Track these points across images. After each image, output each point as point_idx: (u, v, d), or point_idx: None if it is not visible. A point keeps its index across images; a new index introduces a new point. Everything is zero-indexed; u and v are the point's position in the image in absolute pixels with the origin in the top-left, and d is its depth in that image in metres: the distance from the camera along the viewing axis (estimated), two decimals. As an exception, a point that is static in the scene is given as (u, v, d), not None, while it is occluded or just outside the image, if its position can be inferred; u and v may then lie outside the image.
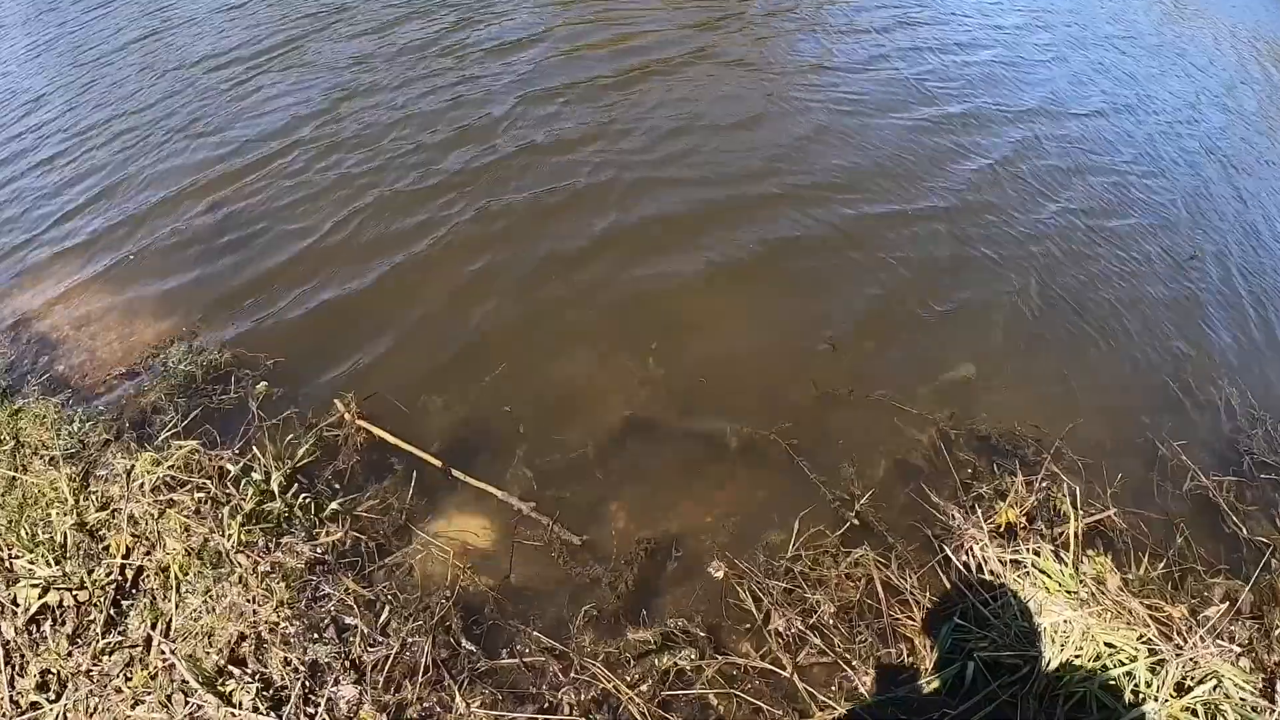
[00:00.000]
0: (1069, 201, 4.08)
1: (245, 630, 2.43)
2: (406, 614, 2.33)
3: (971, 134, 4.51)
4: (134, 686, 2.40)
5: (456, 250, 3.48)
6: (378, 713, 2.26)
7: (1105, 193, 4.24)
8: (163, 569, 2.57)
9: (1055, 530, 2.52)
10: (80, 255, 3.68)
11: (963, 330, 3.24)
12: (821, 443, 2.69)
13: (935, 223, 3.76)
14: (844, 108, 4.63)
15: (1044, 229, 3.85)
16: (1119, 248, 3.84)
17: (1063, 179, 4.27)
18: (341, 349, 3.01)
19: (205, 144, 4.39)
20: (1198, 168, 4.68)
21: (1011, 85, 5.19)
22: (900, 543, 2.43)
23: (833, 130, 4.38)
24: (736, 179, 3.93)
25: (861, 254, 3.52)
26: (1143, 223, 4.08)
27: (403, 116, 4.48)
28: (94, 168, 4.32)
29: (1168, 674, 2.10)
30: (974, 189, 4.05)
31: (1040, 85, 5.24)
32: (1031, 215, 3.93)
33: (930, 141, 4.37)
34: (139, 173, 4.16)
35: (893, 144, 4.30)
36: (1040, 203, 4.03)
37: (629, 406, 2.78)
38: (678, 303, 3.22)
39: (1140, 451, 2.88)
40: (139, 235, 3.75)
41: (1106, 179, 4.35)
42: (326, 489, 2.57)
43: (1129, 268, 3.72)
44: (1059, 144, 4.56)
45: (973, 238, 3.70)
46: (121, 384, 2.99)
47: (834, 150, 4.21)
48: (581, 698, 2.20)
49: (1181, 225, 4.13)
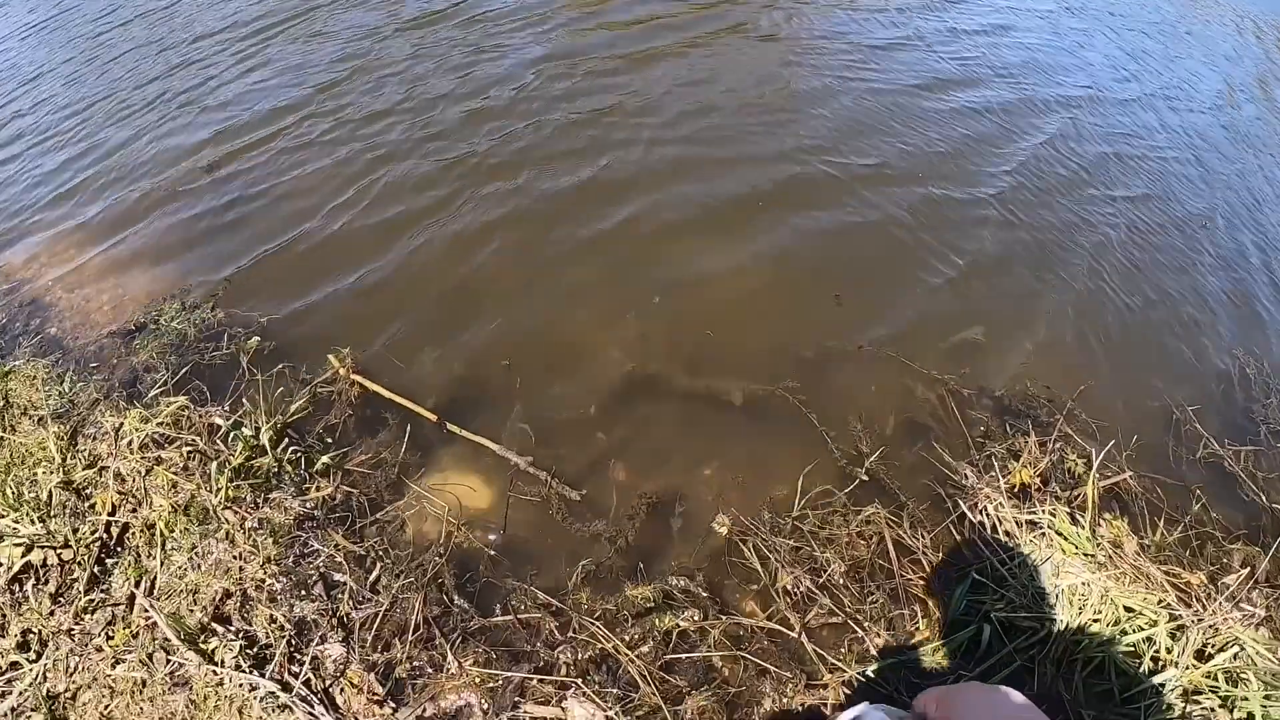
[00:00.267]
0: (1104, 185, 3.98)
1: (230, 587, 2.34)
2: (397, 570, 2.24)
3: (1009, 118, 4.39)
4: (115, 645, 2.32)
5: (461, 215, 3.39)
6: (365, 672, 2.16)
7: (1135, 175, 4.14)
8: (148, 526, 2.49)
9: (1070, 492, 2.42)
10: (75, 221, 3.63)
11: (973, 293, 3.15)
12: (829, 400, 2.59)
13: (948, 193, 3.67)
14: (877, 85, 4.52)
15: (1068, 204, 3.75)
16: (1142, 221, 3.75)
17: (1098, 162, 4.17)
18: (337, 306, 2.94)
19: (209, 116, 4.34)
20: (1232, 157, 4.58)
21: (1046, 70, 5.09)
22: (912, 501, 2.33)
23: (863, 110, 4.27)
24: (761, 158, 3.81)
25: (875, 220, 3.43)
26: (1165, 198, 3.99)
27: (412, 87, 4.41)
28: (94, 138, 4.28)
29: (1189, 640, 2.01)
30: (1005, 167, 3.95)
31: (1077, 70, 5.13)
32: (1062, 195, 3.82)
33: (963, 124, 4.25)
34: (139, 142, 4.11)
35: (922, 125, 4.20)
36: (1076, 187, 3.94)
37: (630, 362, 2.68)
38: (685, 261, 3.13)
39: (1154, 417, 2.79)
40: (136, 201, 3.69)
41: (1141, 163, 4.24)
42: (318, 444, 2.49)
43: (1147, 239, 3.63)
44: (1101, 129, 4.47)
45: (988, 207, 3.61)
46: (113, 344, 2.93)
47: (864, 131, 4.08)
48: (579, 657, 2.10)
49: (1207, 203, 4.03)
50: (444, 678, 2.10)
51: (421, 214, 3.41)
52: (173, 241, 3.37)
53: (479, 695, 2.08)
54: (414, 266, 3.14)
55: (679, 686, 2.05)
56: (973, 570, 2.15)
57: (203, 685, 2.17)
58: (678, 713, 2.00)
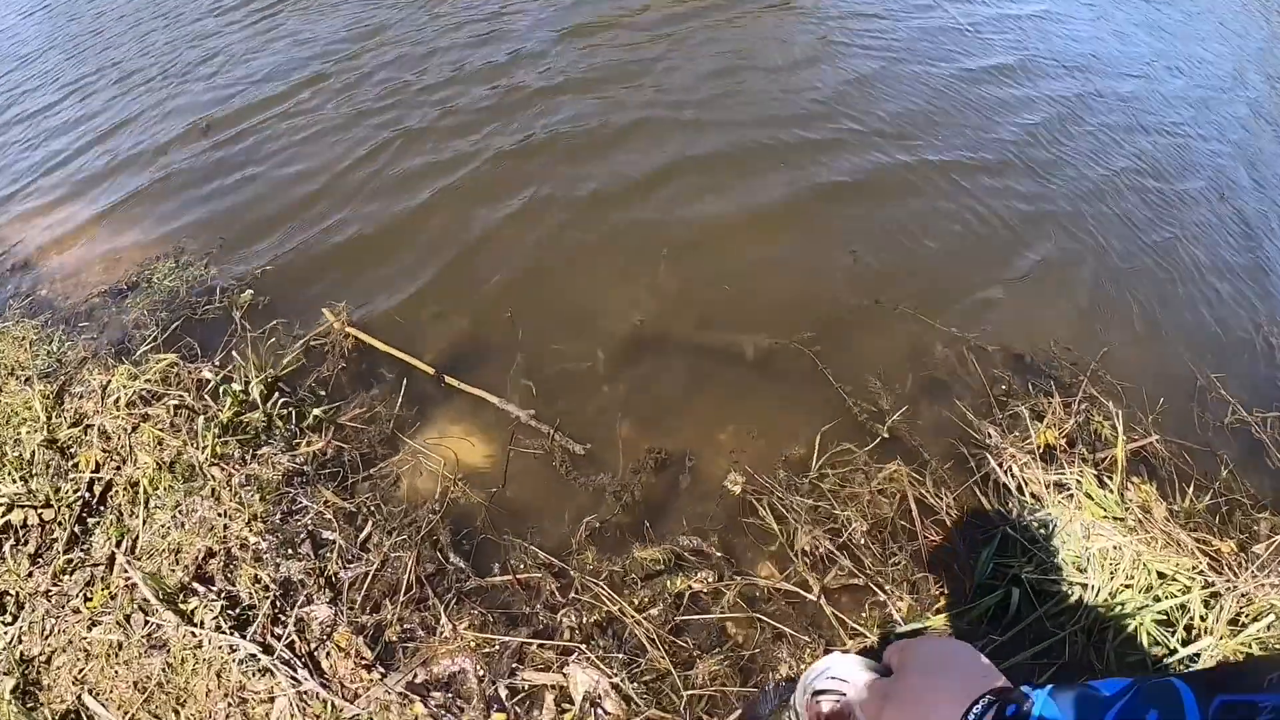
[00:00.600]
0: (1123, 155, 3.85)
1: (214, 546, 2.22)
2: (390, 528, 2.10)
3: (1027, 85, 4.27)
4: (93, 607, 2.20)
5: (465, 171, 3.29)
6: (354, 635, 2.03)
7: (1159, 147, 3.99)
8: (132, 484, 2.38)
9: (1097, 455, 2.28)
10: (72, 185, 3.55)
11: (993, 253, 3.01)
12: (845, 356, 2.45)
13: (971, 161, 3.54)
14: (895, 54, 4.36)
15: (1091, 170, 3.61)
16: (1163, 190, 3.60)
17: (1111, 127, 4.03)
18: (335, 260, 2.82)
19: (210, 84, 4.24)
20: (1250, 131, 4.43)
21: (1063, 39, 4.95)
22: (935, 460, 2.17)
23: (884, 77, 4.13)
24: (781, 120, 3.67)
25: (893, 179, 3.30)
26: (1185, 168, 3.84)
27: (428, 52, 4.31)
28: (95, 104, 4.20)
29: (1224, 607, 1.87)
30: (1025, 139, 3.81)
31: (1091, 41, 5.00)
32: (1084, 164, 3.69)
33: (982, 91, 4.13)
34: (141, 109, 4.02)
35: (945, 92, 4.08)
36: (1099, 155, 3.80)
37: (639, 315, 2.54)
38: (697, 216, 3.00)
39: (1179, 382, 2.65)
40: (131, 164, 3.60)
41: (1157, 135, 4.09)
42: (310, 397, 2.37)
43: (1171, 208, 3.48)
44: (1116, 101, 4.33)
45: (1015, 175, 3.47)
46: (104, 303, 2.83)
47: (885, 96, 3.94)
48: (582, 620, 1.96)
49: (1227, 172, 3.88)
50: (437, 641, 1.97)
51: (426, 171, 3.30)
52: (167, 202, 3.28)
53: (474, 660, 1.94)
54: (416, 222, 3.02)
55: (689, 651, 1.90)
56: (998, 535, 2.00)
57: (180, 647, 2.04)
58: (688, 678, 1.85)
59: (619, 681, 1.87)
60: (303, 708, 1.91)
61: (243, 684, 1.96)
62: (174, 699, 1.99)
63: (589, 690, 1.88)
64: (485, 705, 1.87)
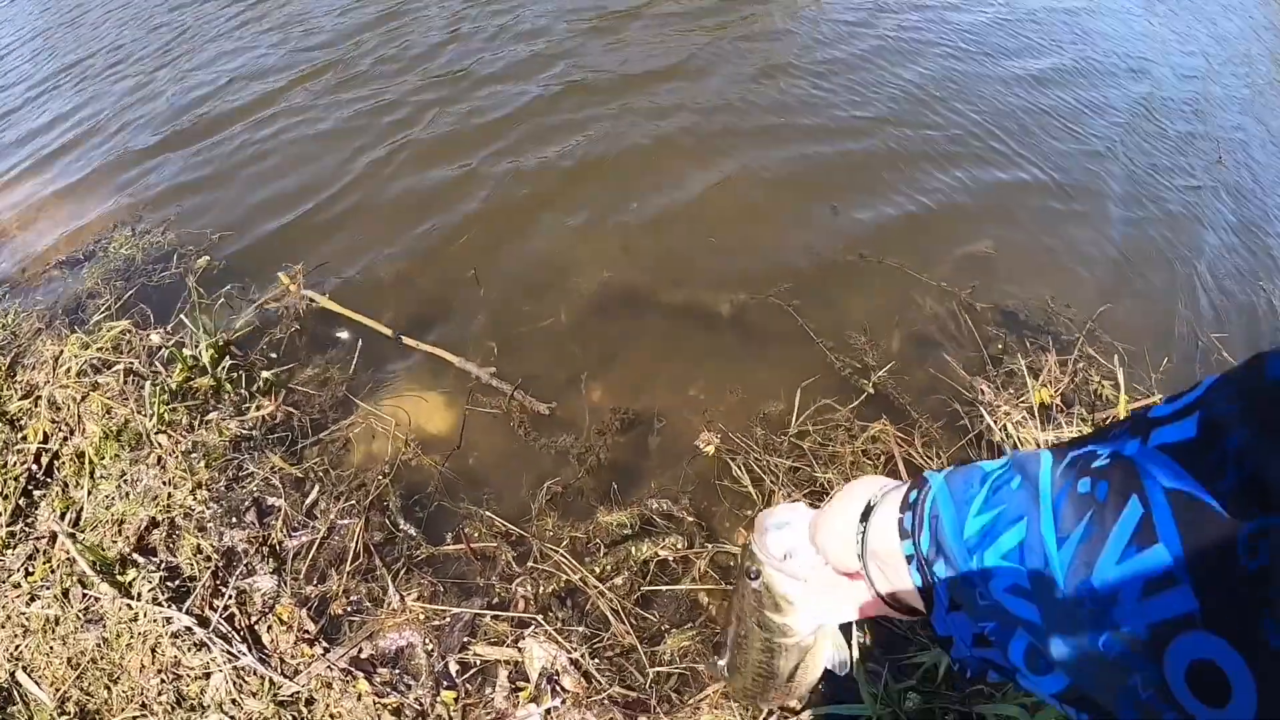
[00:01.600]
0: (1119, 112, 3.63)
1: (158, 516, 2.09)
2: (337, 493, 1.96)
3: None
4: (33, 581, 2.08)
5: (426, 127, 3.17)
6: (297, 607, 1.89)
7: (1156, 105, 3.76)
8: (78, 455, 2.26)
9: (1096, 416, 2.09)
10: (34, 161, 3.45)
11: (983, 205, 2.84)
12: (827, 312, 2.28)
13: (961, 114, 3.34)
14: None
15: (1084, 127, 3.41)
16: (1163, 148, 3.39)
17: (1122, 97, 3.79)
18: (294, 225, 2.68)
19: (174, 64, 4.10)
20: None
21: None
22: (924, 418, 1.99)
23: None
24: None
25: (873, 133, 3.13)
26: (1187, 131, 3.61)
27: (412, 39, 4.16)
28: (67, 95, 4.04)
29: None
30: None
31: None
32: (1080, 121, 3.48)
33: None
34: (107, 91, 3.90)
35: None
36: (1095, 111, 3.59)
37: (608, 271, 2.38)
38: (669, 171, 2.85)
39: (1179, 343, 2.49)
40: (94, 138, 3.48)
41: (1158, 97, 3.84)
42: (261, 359, 2.24)
43: (1167, 165, 3.27)
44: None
45: (997, 138, 3.27)
46: (60, 274, 2.72)
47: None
48: (540, 591, 1.80)
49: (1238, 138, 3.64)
50: (384, 614, 1.82)
51: (385, 131, 3.16)
52: (126, 173, 3.14)
53: (423, 634, 1.79)
54: (376, 182, 2.89)
55: (657, 624, 1.74)
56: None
57: (116, 621, 1.92)
58: (655, 654, 1.69)
59: (579, 657, 1.71)
60: (240, 684, 1.78)
61: (178, 659, 1.83)
62: (107, 675, 1.87)
63: (545, 666, 1.73)
64: (434, 682, 1.72)
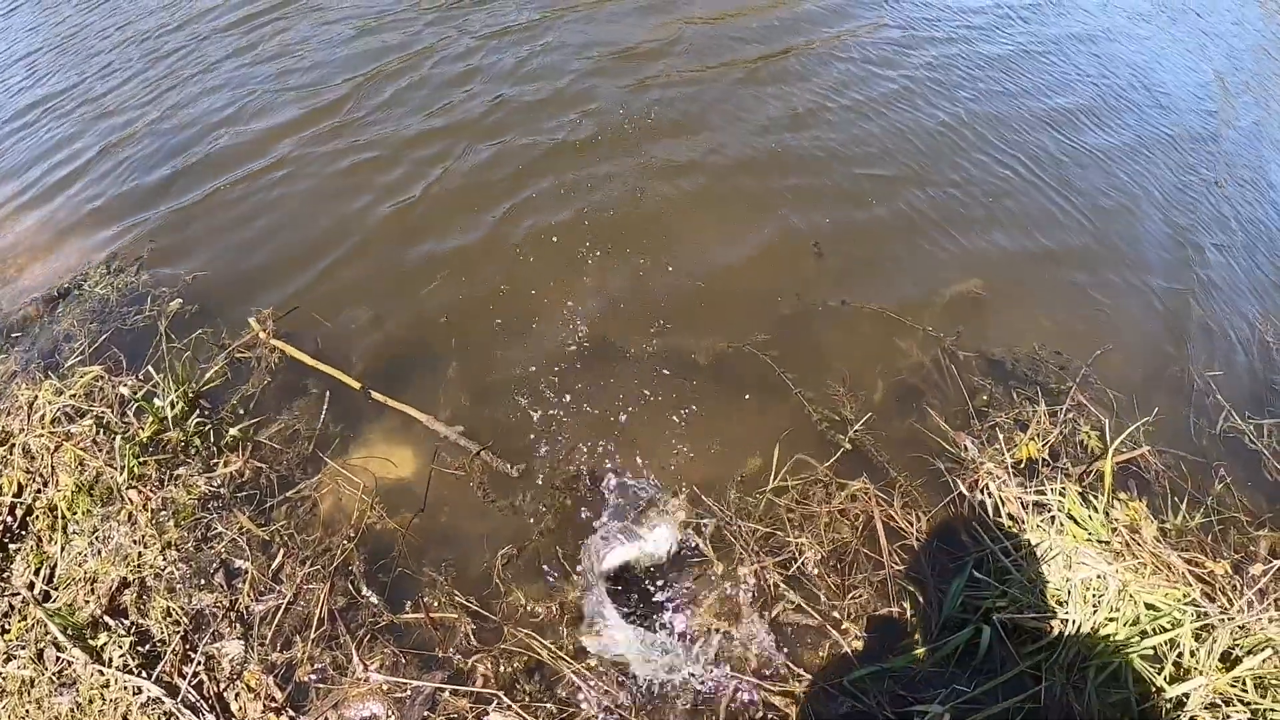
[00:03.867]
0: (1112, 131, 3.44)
1: (129, 575, 2.09)
2: (304, 557, 1.94)
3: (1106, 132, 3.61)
4: (9, 639, 2.09)
5: (402, 170, 3.09)
6: (264, 674, 1.88)
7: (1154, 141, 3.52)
8: (51, 508, 2.26)
9: (1082, 469, 2.02)
10: (13, 191, 3.42)
11: (972, 246, 2.74)
12: (807, 360, 2.22)
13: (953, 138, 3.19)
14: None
15: (1079, 161, 3.25)
16: (1159, 180, 3.23)
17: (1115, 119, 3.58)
18: (266, 266, 2.64)
19: (160, 96, 4.03)
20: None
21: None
22: (904, 476, 1.94)
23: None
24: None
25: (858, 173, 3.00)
26: (1186, 164, 3.41)
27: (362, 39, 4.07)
28: (51, 128, 4.00)
29: (1215, 641, 1.68)
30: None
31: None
32: (1077, 161, 3.30)
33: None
34: (83, 117, 3.85)
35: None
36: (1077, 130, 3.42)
37: (584, 321, 2.33)
38: (652, 216, 2.76)
39: (1172, 386, 2.39)
40: (75, 170, 3.41)
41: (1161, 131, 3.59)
42: (230, 415, 2.21)
43: (1165, 199, 3.12)
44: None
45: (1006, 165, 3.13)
46: (37, 312, 2.70)
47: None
48: (501, 669, 1.77)
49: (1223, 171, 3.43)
50: (348, 684, 1.81)
51: (360, 172, 3.09)
52: (107, 206, 3.12)
53: (386, 705, 1.77)
54: (350, 225, 2.83)
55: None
56: (970, 562, 1.75)
57: (89, 687, 1.92)
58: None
59: (544, 732, 1.69)
60: (207, 755, 1.78)
61: (146, 728, 1.84)
62: (80, 742, 1.88)
63: (510, 742, 1.71)
64: (398, 756, 1.71)
